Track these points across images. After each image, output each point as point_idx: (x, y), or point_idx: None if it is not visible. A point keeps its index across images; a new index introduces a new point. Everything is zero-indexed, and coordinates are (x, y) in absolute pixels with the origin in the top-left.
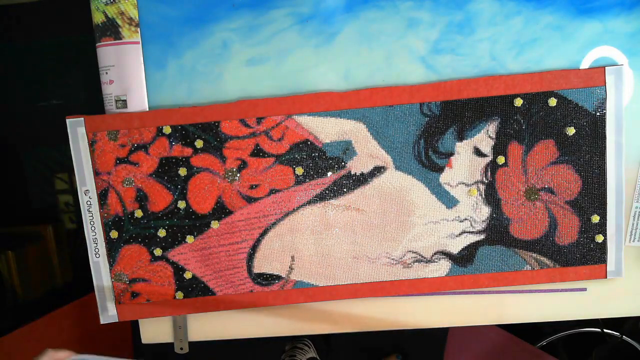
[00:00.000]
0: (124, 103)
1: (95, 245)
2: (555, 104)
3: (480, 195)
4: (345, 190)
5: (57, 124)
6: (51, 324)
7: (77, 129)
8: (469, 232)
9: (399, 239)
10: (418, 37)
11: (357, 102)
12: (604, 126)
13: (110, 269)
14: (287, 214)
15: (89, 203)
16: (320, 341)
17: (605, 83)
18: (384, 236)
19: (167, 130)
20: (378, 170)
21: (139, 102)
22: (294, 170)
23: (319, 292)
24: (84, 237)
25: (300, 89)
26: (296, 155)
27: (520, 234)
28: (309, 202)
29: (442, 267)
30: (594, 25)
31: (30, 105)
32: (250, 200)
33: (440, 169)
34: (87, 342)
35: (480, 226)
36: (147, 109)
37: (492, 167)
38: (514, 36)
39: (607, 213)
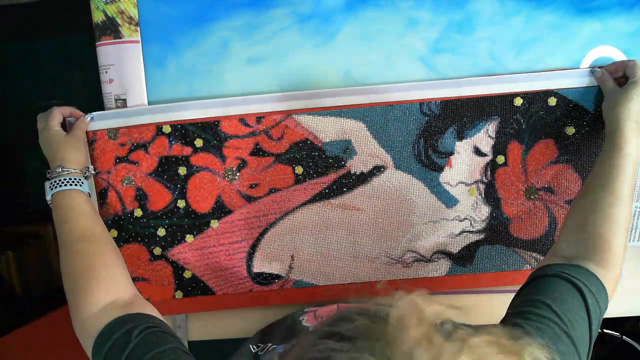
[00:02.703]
0: (124, 102)
1: None
2: (555, 104)
3: (480, 194)
4: (345, 189)
5: None
6: (51, 324)
7: None
8: (468, 231)
9: (399, 239)
10: (418, 36)
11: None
12: (604, 126)
13: None
14: (286, 214)
15: None
16: None
17: None
18: (384, 235)
19: (167, 129)
20: (378, 170)
21: (138, 101)
22: (294, 169)
23: (318, 292)
24: None
25: (300, 88)
26: (296, 155)
27: (520, 234)
28: (309, 202)
29: (442, 267)
30: (594, 24)
31: (30, 105)
32: (250, 199)
33: (440, 169)
34: None
35: (480, 226)
36: None
37: (492, 166)
38: (513, 35)
39: None
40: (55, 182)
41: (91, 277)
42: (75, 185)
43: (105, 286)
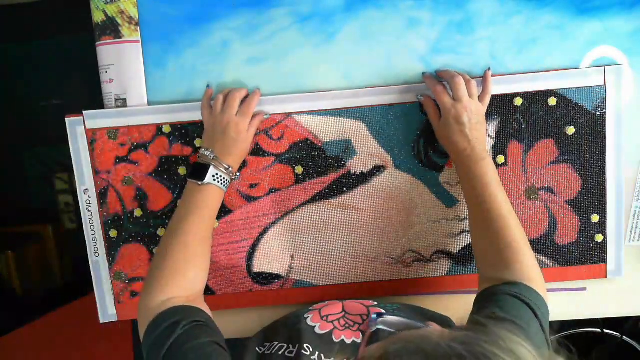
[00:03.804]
0: (124, 102)
1: (95, 244)
2: (555, 104)
3: None
4: (345, 189)
5: (57, 124)
6: (51, 324)
7: (76, 128)
8: (468, 231)
9: (399, 238)
10: (418, 36)
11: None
12: (604, 126)
13: (109, 268)
14: (286, 213)
15: (88, 202)
16: None
17: (605, 82)
18: (384, 235)
19: (167, 129)
20: (378, 170)
21: (138, 101)
22: (294, 169)
23: (318, 292)
24: (84, 236)
25: (300, 88)
26: (296, 155)
27: None
28: (309, 201)
29: (442, 267)
30: (593, 24)
31: (30, 105)
32: (249, 199)
33: (440, 168)
34: (87, 342)
35: None
36: None
37: None
38: (513, 35)
39: (607, 212)
40: (219, 176)
41: (179, 274)
42: (225, 188)
43: (184, 285)
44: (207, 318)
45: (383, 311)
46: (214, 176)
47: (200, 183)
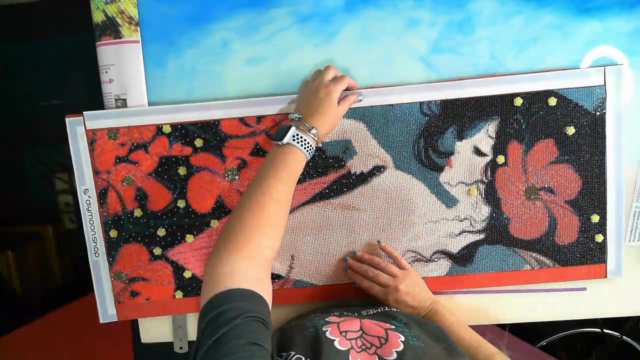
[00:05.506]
0: (124, 102)
1: (95, 244)
2: (555, 104)
3: (480, 194)
4: (345, 189)
5: (57, 124)
6: (51, 324)
7: (76, 128)
8: (468, 231)
9: (399, 238)
10: (418, 36)
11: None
12: (604, 126)
13: (109, 268)
14: None
15: (88, 202)
16: None
17: (605, 83)
18: (384, 235)
19: (167, 129)
20: (378, 170)
21: (138, 101)
22: None
23: (318, 292)
24: (84, 236)
25: (299, 88)
26: None
27: (520, 234)
28: (309, 202)
29: (442, 267)
30: (594, 24)
31: (30, 105)
32: None
33: (440, 169)
34: (87, 342)
35: (480, 226)
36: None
37: (492, 166)
38: (514, 35)
39: (607, 212)
40: (299, 137)
41: (249, 240)
42: (310, 154)
43: (253, 253)
44: (266, 312)
45: None
46: (294, 136)
47: (280, 143)
